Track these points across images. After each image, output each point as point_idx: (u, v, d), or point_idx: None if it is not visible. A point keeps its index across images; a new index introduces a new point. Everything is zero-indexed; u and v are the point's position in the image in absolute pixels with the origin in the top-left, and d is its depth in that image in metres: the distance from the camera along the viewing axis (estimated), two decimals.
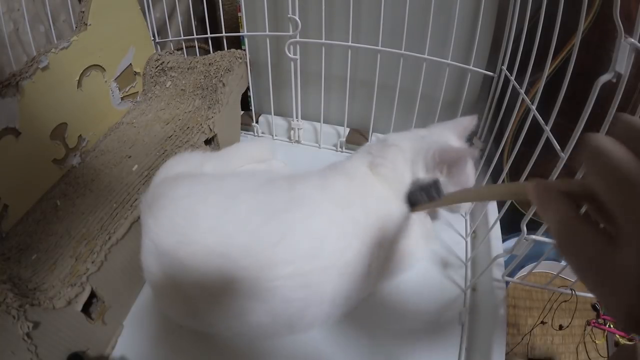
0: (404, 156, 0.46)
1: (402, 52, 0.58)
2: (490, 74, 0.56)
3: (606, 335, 0.64)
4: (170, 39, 0.74)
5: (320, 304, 0.39)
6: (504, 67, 0.54)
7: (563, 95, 0.37)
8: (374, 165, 0.47)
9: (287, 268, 0.37)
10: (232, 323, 0.40)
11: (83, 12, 0.56)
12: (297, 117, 0.73)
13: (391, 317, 0.47)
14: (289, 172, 0.48)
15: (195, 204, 0.40)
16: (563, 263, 0.68)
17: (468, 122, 0.51)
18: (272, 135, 0.76)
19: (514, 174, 0.55)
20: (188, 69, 0.66)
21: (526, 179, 0.42)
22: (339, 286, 0.40)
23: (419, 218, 0.47)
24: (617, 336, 0.64)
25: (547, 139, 0.38)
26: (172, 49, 0.74)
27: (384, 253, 0.43)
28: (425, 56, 0.58)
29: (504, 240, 0.57)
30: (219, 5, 0.70)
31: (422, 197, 0.42)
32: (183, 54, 0.73)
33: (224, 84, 0.61)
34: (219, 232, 0.38)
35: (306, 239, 0.38)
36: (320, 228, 0.39)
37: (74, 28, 0.58)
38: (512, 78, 0.50)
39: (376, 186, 0.45)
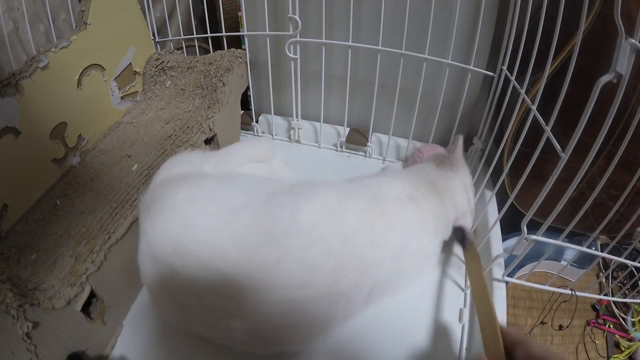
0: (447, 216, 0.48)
1: (402, 51, 0.58)
2: (491, 74, 0.56)
3: (606, 336, 0.64)
4: (170, 38, 0.74)
5: (310, 328, 0.39)
6: (504, 67, 0.54)
7: (564, 95, 0.37)
8: (419, 205, 0.46)
9: (276, 293, 0.36)
10: (220, 335, 0.40)
11: (83, 11, 0.56)
12: (297, 117, 0.73)
13: (391, 317, 0.47)
14: (296, 181, 0.46)
15: (193, 213, 0.39)
16: (563, 263, 0.68)
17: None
18: (272, 135, 0.76)
19: (514, 174, 0.55)
20: (188, 68, 0.65)
21: (526, 179, 0.42)
22: (330, 313, 0.39)
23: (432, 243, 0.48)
24: (617, 336, 0.64)
25: (548, 139, 0.38)
26: (172, 48, 0.73)
27: (389, 280, 0.43)
28: (426, 56, 0.58)
29: (504, 240, 0.57)
30: (219, 5, 0.70)
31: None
32: (183, 53, 0.73)
33: (223, 84, 0.61)
34: (215, 246, 0.37)
35: (299, 267, 0.37)
36: (316, 257, 0.38)
37: (74, 27, 0.58)
38: (513, 78, 0.50)
39: (404, 215, 0.44)
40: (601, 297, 0.63)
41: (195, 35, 0.73)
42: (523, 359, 0.33)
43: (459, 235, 0.49)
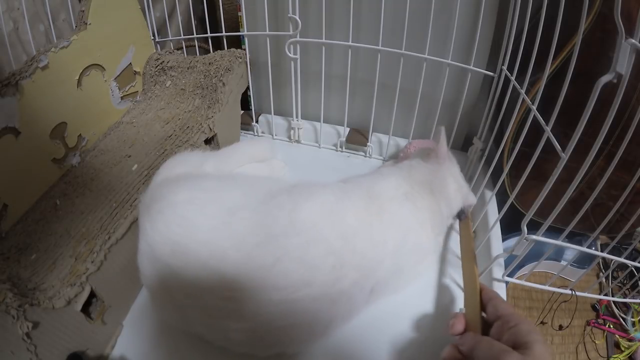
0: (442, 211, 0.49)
1: (402, 51, 0.58)
2: (491, 74, 0.56)
3: (606, 336, 0.64)
4: (170, 38, 0.74)
5: (312, 328, 0.39)
6: (504, 67, 0.54)
7: (564, 95, 0.37)
8: (414, 202, 0.46)
9: (277, 294, 0.36)
10: (219, 336, 0.40)
11: (83, 11, 0.56)
12: (297, 117, 0.73)
13: (390, 317, 0.47)
14: (296, 181, 0.46)
15: (193, 213, 0.39)
16: (563, 263, 0.68)
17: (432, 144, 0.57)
18: (272, 135, 0.76)
19: (514, 174, 0.55)
20: (188, 68, 0.65)
21: (526, 179, 0.42)
22: (332, 313, 0.39)
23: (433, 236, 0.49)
24: (617, 336, 0.64)
25: (548, 139, 0.38)
26: (172, 48, 0.73)
27: (389, 278, 0.44)
28: (426, 56, 0.58)
29: (504, 240, 0.57)
30: (219, 5, 0.70)
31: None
32: (183, 53, 0.73)
33: (223, 84, 0.61)
34: (214, 246, 0.37)
35: (299, 266, 0.37)
36: (315, 257, 0.38)
37: (74, 27, 0.58)
38: (513, 78, 0.50)
39: (401, 212, 0.44)
40: (601, 297, 0.63)
41: (195, 35, 0.73)
42: (492, 315, 0.36)
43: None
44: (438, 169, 0.50)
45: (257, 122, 0.77)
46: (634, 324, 0.64)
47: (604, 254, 0.46)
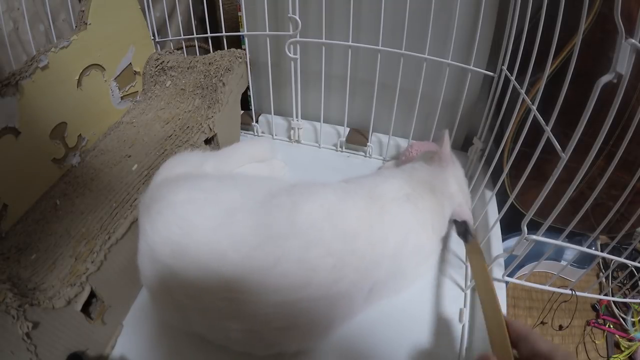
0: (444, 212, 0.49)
1: (402, 51, 0.58)
2: (491, 74, 0.56)
3: (606, 336, 0.64)
4: (170, 38, 0.74)
5: (311, 329, 0.39)
6: (504, 67, 0.54)
7: (564, 95, 0.37)
8: (415, 203, 0.46)
9: (276, 295, 0.36)
10: (219, 336, 0.40)
11: (83, 11, 0.56)
12: (297, 117, 0.73)
13: (391, 317, 0.47)
14: (296, 181, 0.46)
15: (192, 214, 0.39)
16: (563, 263, 0.68)
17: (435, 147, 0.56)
18: (272, 135, 0.76)
19: (514, 174, 0.55)
20: (188, 68, 0.65)
21: (526, 179, 0.42)
22: (331, 314, 0.39)
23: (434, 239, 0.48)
24: (617, 336, 0.64)
25: (548, 139, 0.38)
26: (172, 48, 0.73)
27: (389, 279, 0.44)
28: (426, 56, 0.58)
29: (504, 240, 0.57)
30: (219, 5, 0.70)
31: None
32: (183, 53, 0.73)
33: (223, 84, 0.61)
34: (213, 248, 0.37)
35: (299, 268, 0.37)
36: (315, 258, 0.37)
37: (74, 27, 0.58)
38: (513, 78, 0.50)
39: (402, 214, 0.44)
40: (601, 297, 0.63)
41: (195, 35, 0.73)
42: (527, 356, 0.32)
43: (462, 229, 0.49)
44: (441, 171, 0.49)
45: (257, 122, 0.77)
46: (634, 324, 0.64)
47: (604, 254, 0.46)
